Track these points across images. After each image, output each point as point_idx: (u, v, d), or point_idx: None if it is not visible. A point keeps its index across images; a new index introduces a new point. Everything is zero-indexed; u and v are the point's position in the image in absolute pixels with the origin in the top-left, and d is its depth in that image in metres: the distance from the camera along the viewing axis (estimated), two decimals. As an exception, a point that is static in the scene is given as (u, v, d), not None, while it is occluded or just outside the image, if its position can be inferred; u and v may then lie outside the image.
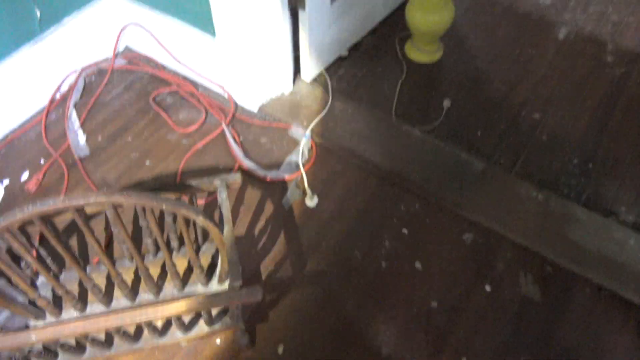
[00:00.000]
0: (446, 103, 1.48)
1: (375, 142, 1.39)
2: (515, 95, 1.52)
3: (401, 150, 1.38)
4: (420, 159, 1.35)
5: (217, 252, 0.99)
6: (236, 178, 0.94)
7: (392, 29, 1.72)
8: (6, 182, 1.36)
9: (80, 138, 1.44)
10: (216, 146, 1.42)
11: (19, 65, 1.41)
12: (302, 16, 1.40)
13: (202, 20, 1.40)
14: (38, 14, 1.41)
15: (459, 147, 1.37)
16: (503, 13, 1.77)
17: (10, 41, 1.39)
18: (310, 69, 1.54)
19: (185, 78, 1.59)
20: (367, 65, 1.62)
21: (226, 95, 1.52)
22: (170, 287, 0.96)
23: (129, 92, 1.57)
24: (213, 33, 1.40)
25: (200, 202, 1.29)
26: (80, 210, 0.76)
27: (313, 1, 1.37)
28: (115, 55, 1.64)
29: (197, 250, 0.99)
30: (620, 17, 1.74)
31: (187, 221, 0.82)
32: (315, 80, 1.57)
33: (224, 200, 0.91)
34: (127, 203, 0.73)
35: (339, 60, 1.63)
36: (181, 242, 1.00)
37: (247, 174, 1.35)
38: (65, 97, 1.54)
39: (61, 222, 1.19)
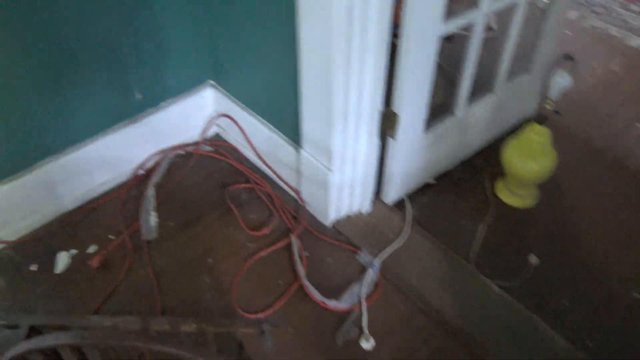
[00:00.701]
0: (533, 259, 1.35)
1: (447, 289, 1.29)
2: (614, 266, 1.36)
3: (474, 306, 1.25)
4: (494, 320, 1.22)
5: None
6: (284, 327, 0.88)
7: (485, 163, 1.64)
8: (74, 252, 1.38)
9: (152, 220, 1.45)
10: (280, 257, 1.37)
11: (112, 139, 1.47)
12: (392, 143, 1.35)
13: (291, 131, 1.40)
14: (138, 96, 1.46)
15: (541, 316, 1.23)
16: (611, 166, 1.64)
17: (109, 117, 1.45)
18: (392, 192, 1.48)
19: (264, 176, 1.58)
20: (452, 197, 1.54)
21: (301, 203, 1.49)
22: None
23: (209, 182, 1.57)
24: (298, 143, 1.39)
25: (250, 315, 1.23)
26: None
27: (404, 131, 1.33)
28: (203, 142, 1.67)
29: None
30: None
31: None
32: (395, 204, 1.51)
33: (269, 350, 0.84)
34: (151, 349, 0.67)
35: (424, 187, 1.56)
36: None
37: (304, 294, 1.28)
38: (148, 175, 1.57)
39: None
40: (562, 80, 1.29)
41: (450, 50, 1.71)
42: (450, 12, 1.21)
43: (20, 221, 1.38)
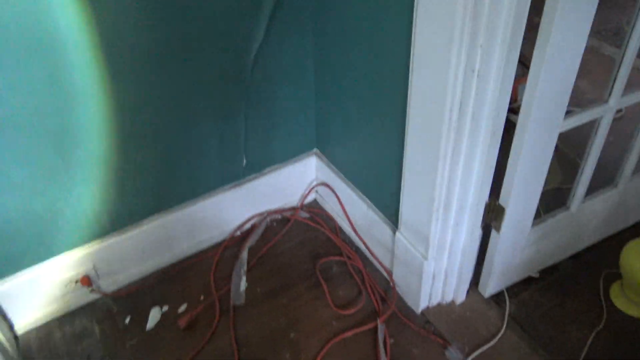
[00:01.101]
0: (651, 386, 1.19)
1: (545, 407, 1.16)
2: None
3: None
4: None
5: None
6: None
7: (599, 260, 1.49)
8: (165, 308, 1.42)
9: (242, 285, 1.46)
10: (364, 340, 1.32)
11: (215, 200, 1.52)
12: (495, 235, 1.27)
13: (389, 212, 1.36)
14: (244, 161, 1.51)
15: None
16: None
17: (216, 180, 1.50)
18: (490, 285, 1.38)
19: (357, 250, 1.55)
20: (558, 296, 1.41)
21: (391, 285, 1.43)
22: None
23: (301, 250, 1.57)
24: (395, 225, 1.35)
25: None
26: None
27: (510, 224, 1.25)
28: (301, 208, 1.68)
29: None
30: None
31: None
32: (492, 297, 1.41)
33: None
34: None
35: (527, 281, 1.45)
36: None
37: (386, 388, 1.22)
38: (244, 238, 1.60)
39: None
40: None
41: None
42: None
43: (121, 273, 1.46)
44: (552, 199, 1.41)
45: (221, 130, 1.42)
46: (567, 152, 1.79)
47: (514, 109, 1.11)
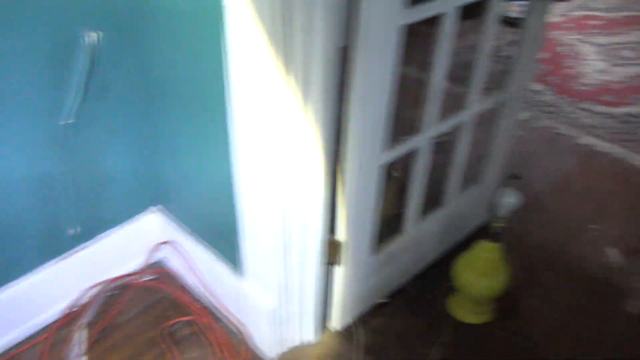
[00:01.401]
0: (493, 387, 1.26)
1: None
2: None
3: None
4: None
5: None
6: None
7: (441, 276, 1.57)
8: (-13, 412, 1.23)
9: (80, 367, 1.32)
10: (221, 403, 1.25)
11: (42, 278, 1.36)
12: (338, 270, 1.29)
13: (234, 262, 1.33)
14: (73, 230, 1.38)
15: None
16: (565, 272, 1.60)
17: (39, 256, 1.35)
18: (341, 317, 1.39)
19: (206, 307, 1.48)
20: (406, 317, 1.46)
21: (244, 337, 1.38)
22: None
23: (147, 315, 1.46)
24: (241, 275, 1.31)
25: None
26: None
27: (350, 257, 1.27)
28: (143, 272, 1.58)
29: None
30: None
31: None
32: (345, 330, 1.42)
33: None
34: None
35: (377, 307, 1.48)
36: None
37: None
38: (80, 313, 1.45)
39: None
40: (510, 200, 1.27)
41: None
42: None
43: None
44: (395, 224, 1.47)
45: (40, 201, 1.28)
46: (401, 177, 1.89)
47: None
